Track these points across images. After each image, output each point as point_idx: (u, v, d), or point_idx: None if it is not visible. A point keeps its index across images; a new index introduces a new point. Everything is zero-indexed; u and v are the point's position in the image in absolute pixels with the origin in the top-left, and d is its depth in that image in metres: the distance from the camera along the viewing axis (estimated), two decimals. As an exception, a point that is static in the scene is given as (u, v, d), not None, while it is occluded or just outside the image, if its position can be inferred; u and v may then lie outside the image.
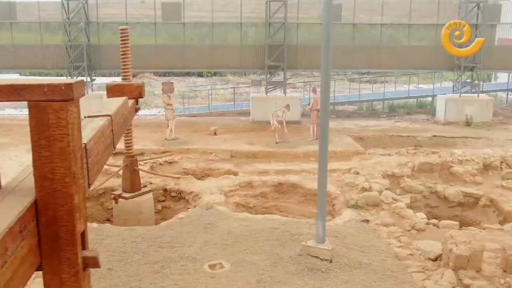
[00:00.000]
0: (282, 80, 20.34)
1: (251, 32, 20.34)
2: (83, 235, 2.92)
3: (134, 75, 36.92)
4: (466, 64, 20.45)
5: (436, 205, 13.90)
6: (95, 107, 16.18)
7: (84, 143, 3.27)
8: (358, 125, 20.51)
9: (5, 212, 2.70)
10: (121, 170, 13.35)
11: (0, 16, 19.79)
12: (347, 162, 15.28)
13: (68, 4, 19.27)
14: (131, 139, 11.67)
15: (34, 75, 33.18)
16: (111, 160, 14.34)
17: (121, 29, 11.53)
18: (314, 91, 17.22)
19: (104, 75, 29.57)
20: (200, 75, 39.59)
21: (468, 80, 21.34)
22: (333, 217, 12.52)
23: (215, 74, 39.67)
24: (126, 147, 11.64)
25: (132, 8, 19.95)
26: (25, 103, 2.88)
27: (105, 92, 19.40)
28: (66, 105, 3.28)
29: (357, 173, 14.12)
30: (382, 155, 16.44)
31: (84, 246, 2.87)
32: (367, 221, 11.09)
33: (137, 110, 8.70)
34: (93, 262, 2.89)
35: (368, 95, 24.81)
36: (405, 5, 20.32)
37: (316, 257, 8.64)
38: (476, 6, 20.02)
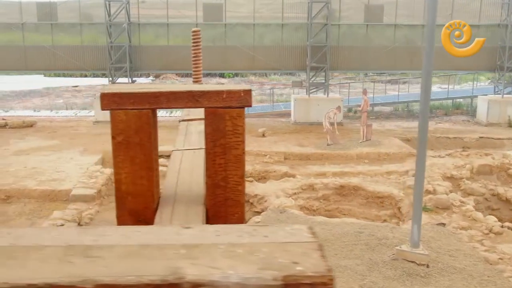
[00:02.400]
0: (324, 81, 20.18)
1: (293, 33, 20.19)
2: None
3: (157, 76, 36.87)
4: (509, 65, 20.28)
5: (497, 207, 13.76)
6: None
7: None
8: (400, 126, 20.35)
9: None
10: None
11: (40, 17, 19.68)
12: (401, 164, 15.14)
13: (109, 4, 19.15)
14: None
15: (71, 76, 33.13)
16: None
17: (193, 31, 11.33)
18: (365, 92, 17.10)
19: (139, 76, 29.48)
20: (221, 76, 39.51)
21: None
22: (399, 220, 12.40)
23: (236, 75, 39.61)
24: (195, 149, 11.50)
25: (174, 8, 19.82)
26: (57, 104, 2.78)
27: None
28: (242, 112, 3.15)
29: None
30: (432, 156, 16.28)
31: None
32: (444, 224, 10.95)
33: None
34: None
35: (405, 96, 24.63)
36: (447, 6, 20.15)
37: (412, 262, 8.51)
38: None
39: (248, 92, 3.27)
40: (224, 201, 3.35)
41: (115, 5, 19.29)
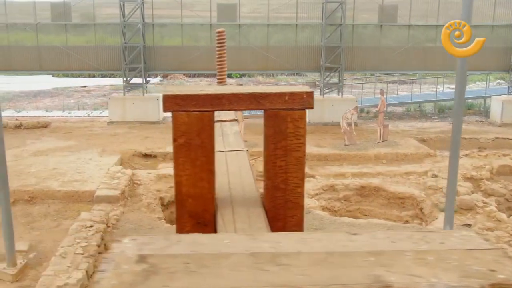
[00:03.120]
0: (338, 81, 20.16)
1: (307, 33, 20.17)
2: None
3: (165, 76, 36.79)
4: (523, 65, 20.26)
5: (518, 208, 13.74)
6: (152, 110, 16.15)
7: None
8: (414, 126, 20.32)
9: None
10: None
11: (54, 18, 19.66)
12: (420, 165, 15.10)
13: (123, 5, 19.13)
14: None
15: (79, 76, 33.08)
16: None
17: (218, 32, 11.33)
18: (382, 93, 17.07)
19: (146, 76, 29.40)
20: (228, 76, 39.46)
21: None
22: (422, 221, 12.37)
23: (243, 75, 39.58)
24: (219, 150, 11.48)
25: (187, 9, 19.80)
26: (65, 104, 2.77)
27: (160, 95, 19.14)
28: (304, 114, 3.11)
29: (435, 176, 13.94)
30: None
31: None
32: (469, 225, 10.92)
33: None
34: None
35: (418, 96, 24.59)
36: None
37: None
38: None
39: (310, 94, 3.23)
40: (284, 203, 3.31)
41: (129, 6, 19.27)
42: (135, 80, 20.15)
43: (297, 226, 3.39)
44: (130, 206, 11.18)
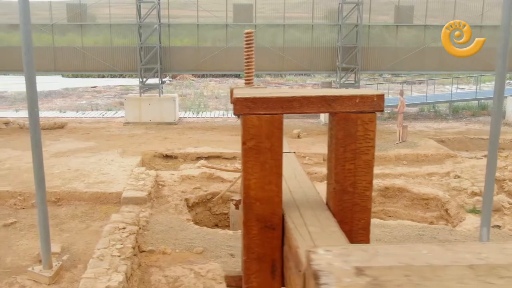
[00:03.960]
0: (353, 82, 20.11)
1: (323, 34, 20.13)
2: None
3: (173, 77, 36.73)
4: (540, 66, 20.16)
5: (541, 209, 13.67)
6: (168, 110, 16.15)
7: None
8: (430, 127, 20.26)
9: None
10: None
11: (70, 18, 19.63)
12: (441, 166, 15.05)
13: (140, 5, 19.10)
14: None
15: (89, 77, 33.06)
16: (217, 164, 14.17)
17: (246, 33, 11.30)
18: (401, 93, 17.02)
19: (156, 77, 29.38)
20: (237, 76, 39.44)
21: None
22: (447, 222, 12.32)
23: (252, 75, 39.45)
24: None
25: (203, 9, 19.75)
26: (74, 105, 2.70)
27: (176, 95, 19.08)
28: (374, 117, 3.07)
29: (458, 177, 13.90)
30: (469, 158, 16.23)
31: None
32: (499, 226, 10.87)
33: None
34: None
35: (433, 97, 24.52)
36: (477, 6, 20.08)
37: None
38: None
39: (380, 97, 3.19)
40: (351, 206, 3.27)
41: (145, 6, 19.25)
42: (150, 81, 20.13)
43: (364, 230, 3.35)
44: (157, 208, 11.15)
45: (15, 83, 31.76)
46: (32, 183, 11.98)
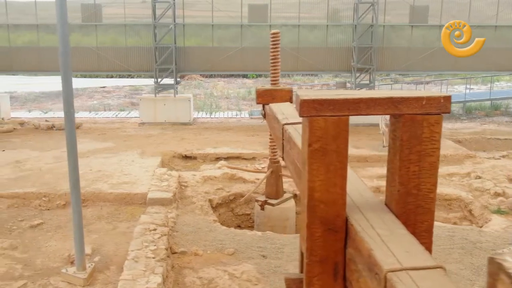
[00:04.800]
0: (368, 82, 20.08)
1: (337, 34, 20.10)
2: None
3: (182, 77, 36.78)
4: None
5: None
6: (183, 111, 16.10)
7: None
8: (445, 127, 20.21)
9: None
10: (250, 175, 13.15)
11: (85, 18, 19.60)
12: (461, 166, 15.01)
13: (154, 5, 19.07)
14: (276, 144, 11.45)
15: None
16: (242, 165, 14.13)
17: (273, 33, 11.33)
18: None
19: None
20: (245, 76, 39.41)
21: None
22: (471, 222, 12.27)
23: (259, 76, 39.49)
24: (271, 152, 11.43)
25: (218, 9, 19.72)
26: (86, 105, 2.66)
27: (191, 95, 19.09)
28: (440, 119, 3.03)
29: (479, 177, 13.86)
30: (487, 158, 16.18)
31: None
32: (527, 227, 10.83)
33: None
34: None
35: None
36: (492, 6, 20.04)
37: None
38: None
39: (448, 99, 3.15)
40: (415, 208, 3.23)
41: (159, 6, 19.21)
42: (168, 81, 20.11)
43: (427, 232, 3.31)
44: (183, 209, 11.12)
45: (23, 84, 31.78)
46: (55, 184, 12.03)
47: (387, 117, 9.68)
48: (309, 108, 2.96)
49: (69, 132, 7.85)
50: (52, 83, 32.22)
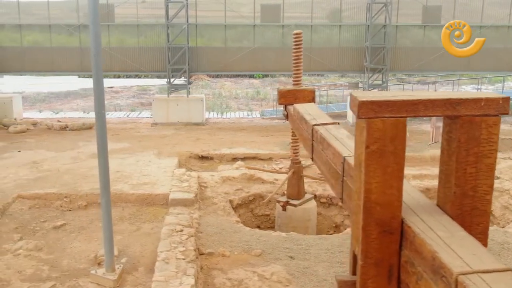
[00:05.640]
0: (381, 82, 20.05)
1: (350, 34, 20.06)
2: None
3: (190, 76, 36.72)
4: None
5: None
6: (196, 111, 16.10)
7: None
8: (458, 128, 20.19)
9: None
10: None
11: (97, 19, 19.54)
12: (477, 167, 14.95)
13: (167, 5, 19.04)
14: (298, 145, 11.43)
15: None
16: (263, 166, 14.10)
17: (295, 33, 11.30)
18: (434, 94, 16.94)
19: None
20: (251, 76, 39.36)
21: None
22: (492, 223, 12.24)
23: (266, 76, 39.46)
24: (293, 153, 11.40)
25: (230, 9, 19.69)
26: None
27: (203, 96, 19.07)
28: (498, 120, 3.00)
29: (497, 178, 13.82)
30: (502, 159, 16.11)
31: None
32: (551, 228, 10.79)
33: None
34: None
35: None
36: (505, 6, 20.01)
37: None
38: None
39: (506, 100, 3.11)
40: (471, 210, 3.20)
41: (172, 6, 19.18)
42: (180, 82, 20.09)
43: (483, 234, 3.27)
44: (205, 209, 11.08)
45: (31, 84, 31.77)
46: (75, 185, 12.00)
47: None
48: (367, 109, 2.93)
49: (99, 133, 7.82)
50: (60, 83, 32.22)
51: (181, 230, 9.15)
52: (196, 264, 8.04)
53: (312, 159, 5.47)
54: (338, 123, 5.79)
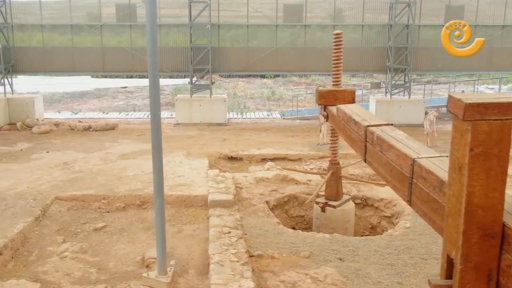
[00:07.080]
0: (403, 82, 19.98)
1: (373, 34, 19.99)
2: None
3: (201, 77, 36.67)
4: None
5: None
6: (219, 111, 16.02)
7: None
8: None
9: None
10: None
11: (119, 19, 19.51)
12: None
13: (190, 5, 18.98)
14: (337, 146, 11.37)
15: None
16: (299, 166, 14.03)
17: (335, 34, 11.24)
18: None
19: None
20: (263, 76, 39.29)
21: None
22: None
23: (277, 75, 39.38)
24: (332, 153, 11.33)
25: (253, 9, 19.62)
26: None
27: (226, 96, 18.99)
28: None
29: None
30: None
31: None
32: None
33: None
34: None
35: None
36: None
37: None
38: None
39: None
40: None
41: (195, 6, 19.12)
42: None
43: None
44: (244, 211, 11.02)
45: (45, 84, 31.71)
46: (111, 186, 11.95)
47: (432, 117, 9.67)
48: (474, 112, 2.86)
49: (154, 135, 7.74)
50: (73, 83, 32.17)
51: (229, 232, 9.10)
52: (250, 266, 7.98)
53: (365, 160, 5.39)
54: (392, 124, 5.71)
